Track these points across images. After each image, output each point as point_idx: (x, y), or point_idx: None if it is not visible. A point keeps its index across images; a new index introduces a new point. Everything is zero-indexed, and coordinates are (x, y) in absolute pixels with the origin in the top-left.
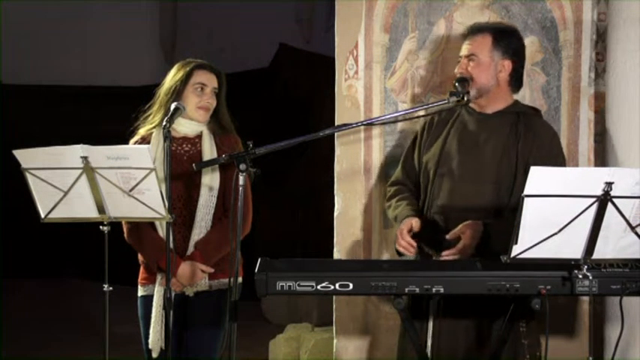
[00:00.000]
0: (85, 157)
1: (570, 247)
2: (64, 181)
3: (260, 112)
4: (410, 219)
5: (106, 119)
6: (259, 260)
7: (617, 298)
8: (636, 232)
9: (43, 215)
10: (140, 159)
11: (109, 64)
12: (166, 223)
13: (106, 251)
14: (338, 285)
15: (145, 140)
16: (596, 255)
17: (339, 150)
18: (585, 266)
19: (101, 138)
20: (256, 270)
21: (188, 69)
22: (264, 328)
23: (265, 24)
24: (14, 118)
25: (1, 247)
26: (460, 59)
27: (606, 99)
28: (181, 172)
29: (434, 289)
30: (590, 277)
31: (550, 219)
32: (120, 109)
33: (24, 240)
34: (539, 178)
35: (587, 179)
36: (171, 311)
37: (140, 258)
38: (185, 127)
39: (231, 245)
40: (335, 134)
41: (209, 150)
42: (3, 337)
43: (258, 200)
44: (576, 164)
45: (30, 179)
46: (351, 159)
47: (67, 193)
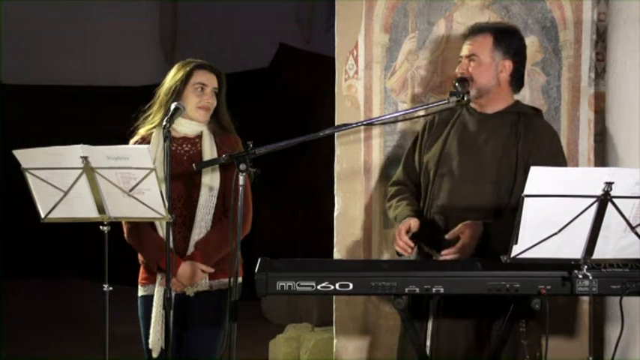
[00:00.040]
0: (85, 157)
1: (570, 247)
2: (64, 181)
3: (260, 112)
4: (409, 219)
5: (106, 119)
6: (259, 260)
7: (617, 298)
8: (636, 232)
9: (43, 215)
10: (140, 159)
11: (109, 64)
12: (166, 223)
13: (106, 251)
14: (338, 285)
15: (145, 140)
16: (596, 255)
17: (339, 150)
18: (585, 266)
19: (101, 138)
20: (256, 270)
21: (188, 69)
22: (264, 328)
23: (265, 24)
24: (14, 118)
25: (1, 247)
26: (461, 59)
27: (606, 99)
28: (181, 172)
29: (434, 289)
30: (590, 277)
31: (550, 219)
32: (120, 109)
33: (24, 240)
34: (539, 178)
35: (587, 179)
36: (172, 311)
37: (140, 258)
38: (185, 127)
39: (231, 245)
40: (335, 134)
41: (209, 150)
42: (3, 337)
43: (258, 200)
44: (576, 164)
45: (30, 179)
46: (351, 159)
47: (67, 193)
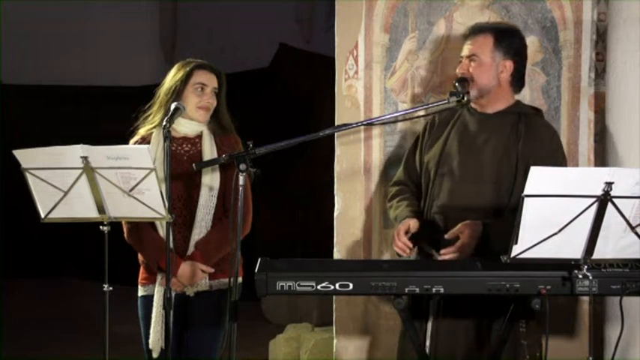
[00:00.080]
0: (85, 157)
1: (570, 247)
2: (64, 181)
3: (260, 112)
4: (408, 220)
5: (106, 119)
6: (259, 260)
7: (617, 298)
8: (636, 232)
9: (43, 215)
10: (140, 159)
11: (109, 64)
12: (166, 223)
13: (106, 251)
14: (338, 285)
15: (145, 140)
16: (596, 255)
17: (339, 150)
18: (585, 266)
19: (101, 138)
20: (256, 270)
21: (188, 69)
22: (264, 328)
23: (265, 24)
24: (14, 118)
25: (1, 247)
26: (461, 60)
27: (606, 99)
28: (181, 172)
29: (434, 289)
30: (590, 277)
31: (550, 219)
32: (120, 109)
33: (24, 240)
34: (539, 178)
35: (587, 179)
36: (172, 311)
37: (140, 258)
38: (185, 127)
39: (231, 245)
40: (335, 134)
41: (209, 150)
42: (3, 337)
43: (258, 200)
44: (576, 164)
45: (30, 179)
46: (351, 159)
47: (67, 193)
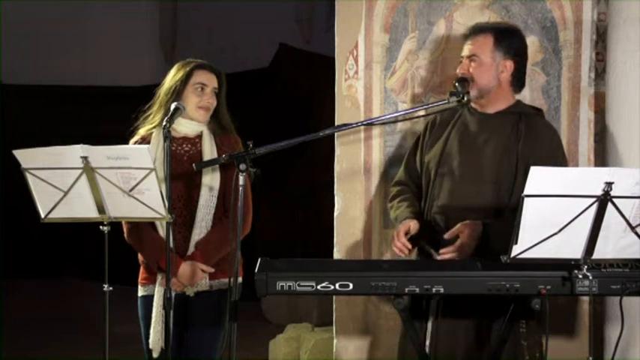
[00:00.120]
0: (85, 157)
1: (570, 247)
2: (64, 181)
3: (260, 112)
4: (408, 221)
5: (106, 119)
6: (259, 260)
7: (617, 298)
8: (636, 232)
9: (43, 215)
10: (140, 159)
11: (109, 64)
12: (166, 223)
13: (106, 251)
14: (338, 285)
15: (145, 140)
16: (596, 255)
17: (339, 150)
18: (585, 266)
19: (101, 138)
20: (256, 270)
21: (188, 69)
22: (264, 328)
23: (265, 24)
24: (14, 118)
25: (1, 247)
26: (462, 60)
27: (606, 99)
28: (181, 172)
29: (434, 289)
30: (590, 277)
31: (550, 219)
32: (120, 109)
33: (24, 240)
34: (539, 178)
35: (587, 179)
36: (172, 311)
37: (140, 258)
38: (185, 127)
39: (231, 245)
40: (335, 134)
41: (209, 150)
42: (3, 337)
43: (258, 200)
44: (576, 164)
45: (30, 179)
46: (351, 159)
47: (67, 193)
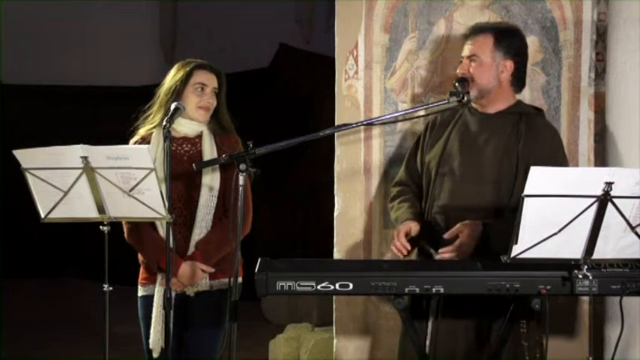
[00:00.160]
0: (85, 157)
1: (570, 247)
2: (64, 181)
3: (260, 112)
4: (409, 222)
5: (106, 119)
6: (259, 260)
7: (617, 298)
8: (636, 232)
9: (43, 215)
10: (140, 159)
11: (109, 64)
12: (166, 223)
13: (106, 251)
14: (338, 285)
15: (145, 140)
16: (596, 255)
17: (339, 150)
18: (585, 266)
19: (101, 138)
20: (256, 270)
21: (188, 69)
22: (264, 328)
23: (265, 24)
24: (14, 118)
25: (1, 247)
26: (462, 60)
27: (606, 99)
28: (181, 172)
29: (434, 289)
30: (590, 277)
31: (550, 219)
32: (120, 109)
33: (24, 240)
34: (539, 178)
35: (587, 179)
36: (172, 311)
37: (140, 258)
38: (185, 127)
39: (232, 245)
40: (335, 134)
41: (209, 150)
42: (3, 337)
43: (258, 200)
44: (576, 164)
45: (30, 179)
46: (351, 159)
47: (67, 193)
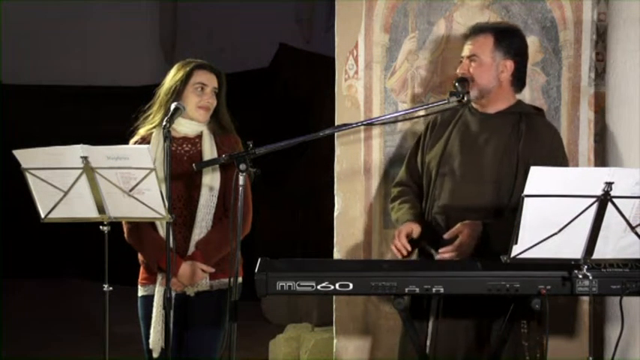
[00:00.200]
0: (85, 157)
1: (570, 247)
2: (64, 181)
3: (260, 112)
4: (411, 224)
5: (106, 119)
6: (259, 260)
7: (617, 298)
8: (636, 232)
9: (43, 215)
10: (140, 159)
11: (109, 64)
12: (166, 223)
13: (106, 251)
14: (338, 285)
15: (145, 140)
16: (596, 255)
17: (339, 150)
18: (585, 266)
19: (101, 138)
20: (256, 270)
21: (188, 69)
22: (264, 328)
23: (265, 24)
24: (14, 118)
25: (1, 247)
26: (462, 60)
27: (606, 99)
28: (181, 172)
29: (434, 289)
30: (590, 277)
31: (550, 219)
32: (120, 109)
33: (24, 240)
34: (539, 178)
35: (587, 179)
36: (172, 311)
37: (140, 258)
38: (185, 127)
39: (232, 245)
40: (335, 134)
41: (209, 150)
42: (3, 337)
43: (258, 200)
44: (576, 164)
45: (30, 179)
46: (351, 159)
47: (67, 193)
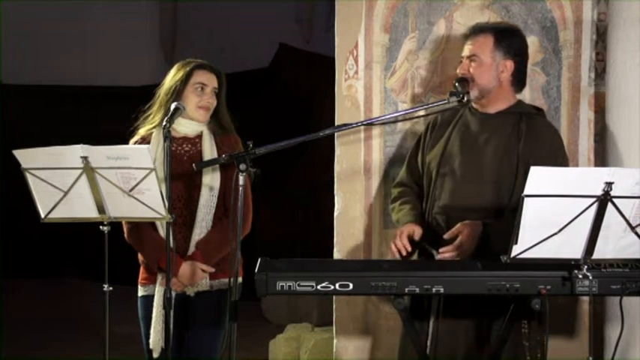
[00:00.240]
0: (85, 157)
1: (570, 247)
2: (64, 181)
3: (260, 112)
4: (413, 225)
5: (106, 119)
6: (259, 260)
7: (617, 298)
8: (636, 232)
9: (43, 215)
10: (140, 159)
11: (109, 64)
12: (166, 223)
13: (106, 251)
14: (338, 285)
15: (145, 140)
16: (596, 255)
17: (339, 150)
18: (585, 266)
19: (101, 138)
20: (256, 270)
21: (188, 69)
22: (264, 328)
23: (265, 24)
24: (14, 118)
25: (1, 247)
26: (462, 60)
27: (606, 99)
28: (181, 172)
29: (434, 289)
30: (590, 277)
31: (550, 219)
32: (120, 109)
33: (24, 240)
34: (539, 178)
35: (587, 179)
36: (172, 311)
37: (140, 258)
38: (185, 127)
39: (232, 245)
40: (335, 134)
41: (209, 150)
42: (3, 337)
43: (258, 200)
44: (576, 164)
45: (30, 179)
46: (351, 159)
47: (67, 193)
